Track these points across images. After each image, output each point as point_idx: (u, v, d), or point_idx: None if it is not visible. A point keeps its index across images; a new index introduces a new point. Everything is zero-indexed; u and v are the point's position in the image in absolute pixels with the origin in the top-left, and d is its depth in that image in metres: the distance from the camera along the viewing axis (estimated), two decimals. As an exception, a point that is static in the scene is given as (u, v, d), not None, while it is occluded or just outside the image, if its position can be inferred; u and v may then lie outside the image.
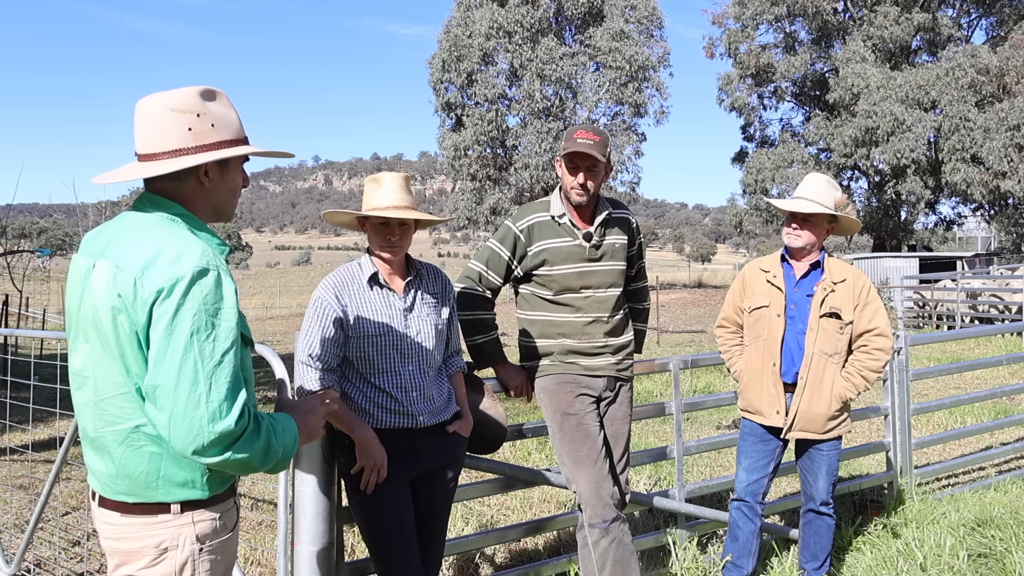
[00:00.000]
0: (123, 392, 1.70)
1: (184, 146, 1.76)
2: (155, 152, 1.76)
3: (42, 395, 6.38)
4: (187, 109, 1.76)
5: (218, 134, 1.79)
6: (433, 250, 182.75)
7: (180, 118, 1.76)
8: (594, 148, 2.99)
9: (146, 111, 1.77)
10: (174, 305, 1.61)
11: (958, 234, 42.26)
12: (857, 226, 3.65)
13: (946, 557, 3.84)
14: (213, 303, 1.65)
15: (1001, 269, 20.16)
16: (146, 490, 1.74)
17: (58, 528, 4.76)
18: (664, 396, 8.89)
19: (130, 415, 1.71)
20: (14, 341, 14.55)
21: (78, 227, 21.96)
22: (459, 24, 30.16)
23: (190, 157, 1.75)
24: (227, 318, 1.66)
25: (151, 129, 1.76)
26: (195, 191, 1.82)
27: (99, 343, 1.72)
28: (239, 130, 1.85)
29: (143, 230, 1.73)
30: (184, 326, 1.61)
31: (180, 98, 1.77)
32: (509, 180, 30.62)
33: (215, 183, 1.83)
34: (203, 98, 1.79)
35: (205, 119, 1.78)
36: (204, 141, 1.77)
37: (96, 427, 1.76)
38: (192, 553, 1.76)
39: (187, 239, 1.71)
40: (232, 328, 1.67)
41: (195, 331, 1.61)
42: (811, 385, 3.43)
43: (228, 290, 1.69)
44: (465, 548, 3.58)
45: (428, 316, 2.74)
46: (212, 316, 1.64)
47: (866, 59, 29.12)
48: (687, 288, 35.95)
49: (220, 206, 1.89)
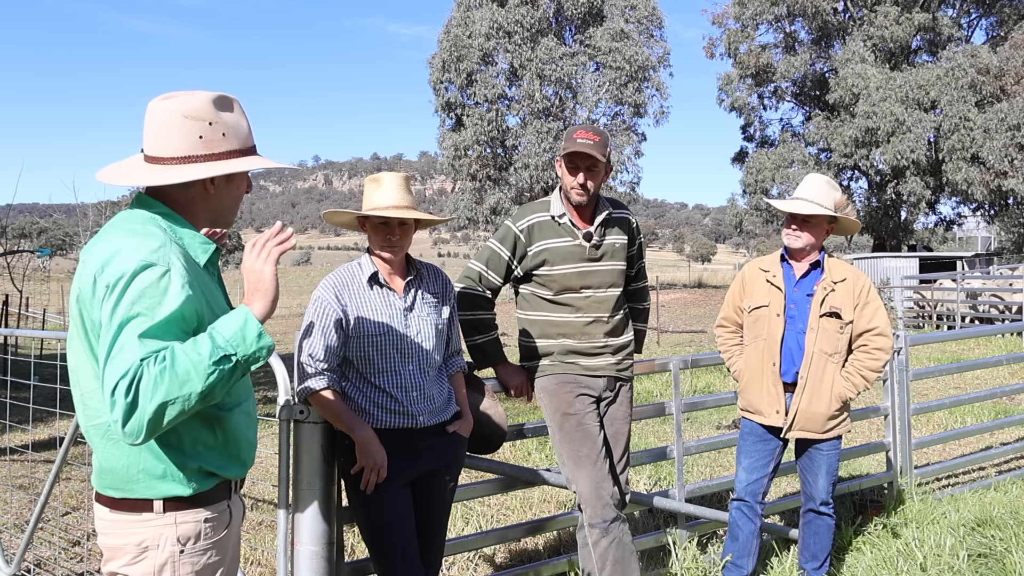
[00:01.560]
0: (99, 386, 1.70)
1: (193, 153, 1.75)
2: (164, 156, 1.76)
3: (42, 395, 6.38)
4: (200, 116, 1.76)
5: (228, 143, 1.79)
6: (433, 250, 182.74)
7: (192, 125, 1.75)
8: (594, 148, 2.99)
9: (158, 113, 1.76)
10: (114, 299, 1.61)
11: (958, 234, 42.26)
12: (857, 226, 3.65)
13: (946, 557, 3.84)
14: (152, 297, 1.62)
15: (1001, 269, 20.16)
16: (128, 484, 1.75)
17: (58, 528, 4.76)
18: (664, 396, 8.89)
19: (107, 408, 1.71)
20: (14, 341, 14.56)
21: (78, 227, 21.95)
22: (459, 24, 30.16)
23: (199, 166, 1.75)
24: (163, 315, 1.62)
25: (161, 132, 1.76)
26: (199, 197, 1.82)
27: (76, 337, 1.74)
28: (248, 139, 1.85)
29: (114, 228, 1.74)
30: (118, 318, 1.60)
31: (193, 104, 1.76)
32: (509, 180, 30.62)
33: (220, 191, 1.84)
34: (216, 106, 1.78)
35: (217, 128, 1.77)
36: (214, 150, 1.77)
37: (84, 422, 1.78)
38: (172, 554, 1.76)
39: (148, 236, 1.68)
40: (164, 324, 1.62)
41: (124, 324, 1.59)
42: (811, 385, 3.43)
43: (174, 287, 1.64)
44: (465, 548, 3.58)
45: (428, 316, 2.74)
46: (149, 310, 1.61)
47: (866, 59, 29.12)
48: (687, 288, 35.95)
49: (221, 213, 1.89)
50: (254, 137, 1.89)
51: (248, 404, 1.94)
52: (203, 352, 1.60)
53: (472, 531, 4.51)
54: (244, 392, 1.92)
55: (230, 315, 1.71)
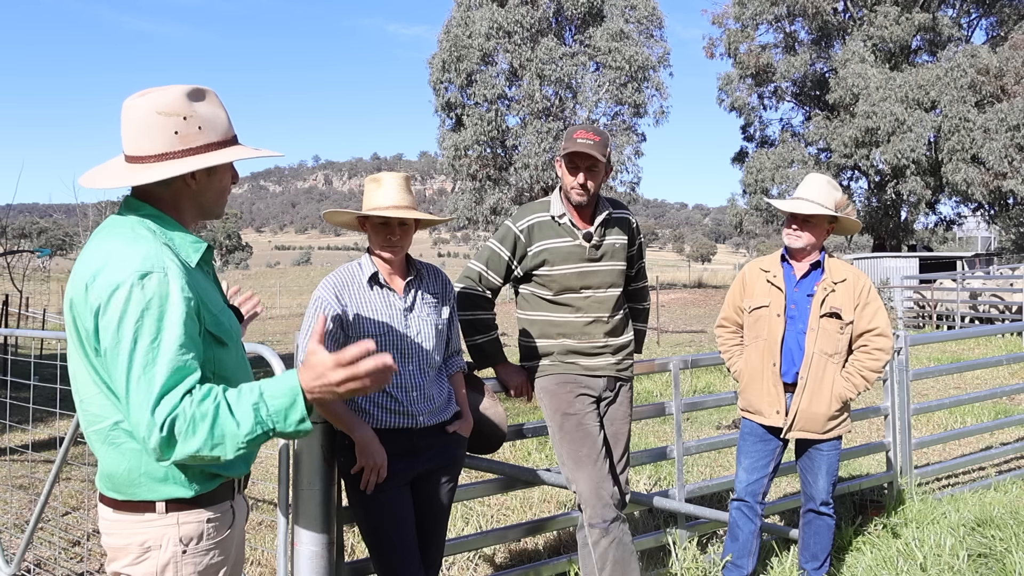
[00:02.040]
0: (98, 391, 1.70)
1: (170, 150, 1.73)
2: (142, 155, 1.74)
3: (42, 395, 6.38)
4: (173, 111, 1.73)
5: (205, 136, 1.76)
6: (433, 250, 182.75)
7: (166, 121, 1.72)
8: (594, 148, 2.99)
9: (132, 111, 1.74)
10: (115, 312, 1.60)
11: (958, 234, 42.25)
12: (857, 226, 3.65)
13: (946, 557, 3.84)
14: (158, 307, 1.62)
15: (1001, 269, 20.16)
16: (130, 487, 1.74)
17: (58, 528, 4.76)
18: (664, 396, 8.89)
19: (108, 412, 1.71)
20: (14, 341, 14.56)
21: (78, 227, 21.96)
22: (459, 24, 30.16)
23: (176, 162, 1.72)
24: (173, 318, 1.62)
25: (137, 131, 1.74)
26: (182, 192, 1.80)
27: (73, 345, 1.73)
28: (227, 130, 1.82)
29: (104, 234, 1.73)
30: (127, 333, 1.59)
31: (166, 100, 1.73)
32: (509, 180, 30.61)
33: (202, 185, 1.82)
34: (190, 99, 1.76)
35: (192, 121, 1.74)
36: (190, 145, 1.74)
37: (84, 427, 1.78)
38: (175, 555, 1.76)
39: (138, 243, 1.67)
40: (178, 326, 1.63)
41: (137, 337, 1.59)
42: (811, 385, 3.43)
43: (174, 291, 1.64)
44: (465, 548, 3.58)
45: (428, 316, 2.74)
46: (156, 320, 1.61)
47: (866, 59, 29.12)
48: (687, 288, 35.95)
49: (207, 206, 1.87)
50: (234, 128, 1.86)
51: None
52: (244, 423, 1.60)
53: (472, 531, 4.51)
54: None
55: (281, 385, 1.65)
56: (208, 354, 1.73)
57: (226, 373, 1.80)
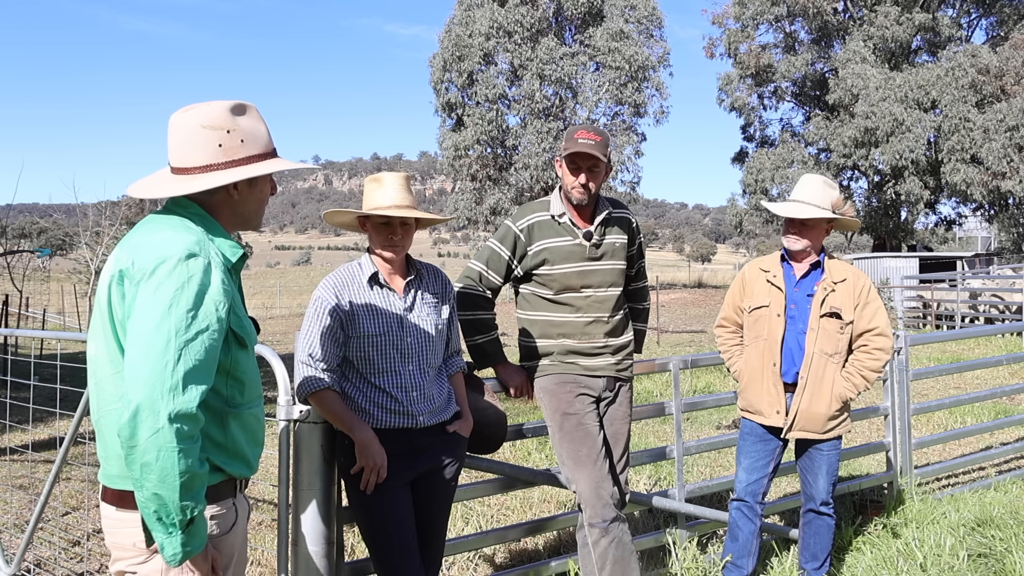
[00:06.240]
0: (117, 371, 1.73)
1: (214, 162, 1.82)
2: (187, 167, 1.83)
3: (42, 395, 6.39)
4: (217, 125, 1.83)
5: (247, 149, 1.86)
6: (433, 250, 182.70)
7: (211, 134, 1.82)
8: (595, 148, 3.00)
9: (178, 126, 1.84)
10: (159, 278, 1.66)
11: (958, 234, 42.21)
12: (856, 224, 3.64)
13: (946, 557, 3.84)
14: (199, 283, 1.68)
15: (1002, 269, 20.16)
16: None
17: (58, 528, 4.76)
18: (664, 396, 8.89)
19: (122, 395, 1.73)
20: (14, 341, 14.56)
21: (78, 227, 21.97)
22: (460, 23, 30.16)
23: (220, 173, 1.82)
24: (209, 303, 1.69)
25: (182, 144, 1.83)
26: (224, 202, 1.89)
27: (99, 323, 1.78)
28: (268, 143, 1.91)
29: (154, 223, 1.81)
30: (164, 295, 1.65)
31: (211, 114, 1.83)
32: (509, 180, 30.60)
33: (244, 195, 1.91)
34: (233, 113, 1.85)
35: (235, 135, 1.84)
36: (233, 157, 1.84)
37: (96, 408, 1.81)
38: None
39: (189, 230, 1.76)
40: (212, 313, 1.70)
41: (174, 303, 1.65)
42: (811, 385, 3.43)
43: (216, 279, 1.72)
44: (465, 548, 3.58)
45: (428, 316, 2.74)
46: (195, 295, 1.67)
47: (866, 59, 29.12)
48: (687, 288, 35.95)
49: (247, 215, 1.95)
50: (274, 141, 1.95)
51: (258, 408, 1.97)
52: (186, 492, 1.63)
53: (472, 531, 4.51)
54: (255, 395, 1.94)
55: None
56: (229, 355, 1.79)
57: (242, 376, 1.84)
